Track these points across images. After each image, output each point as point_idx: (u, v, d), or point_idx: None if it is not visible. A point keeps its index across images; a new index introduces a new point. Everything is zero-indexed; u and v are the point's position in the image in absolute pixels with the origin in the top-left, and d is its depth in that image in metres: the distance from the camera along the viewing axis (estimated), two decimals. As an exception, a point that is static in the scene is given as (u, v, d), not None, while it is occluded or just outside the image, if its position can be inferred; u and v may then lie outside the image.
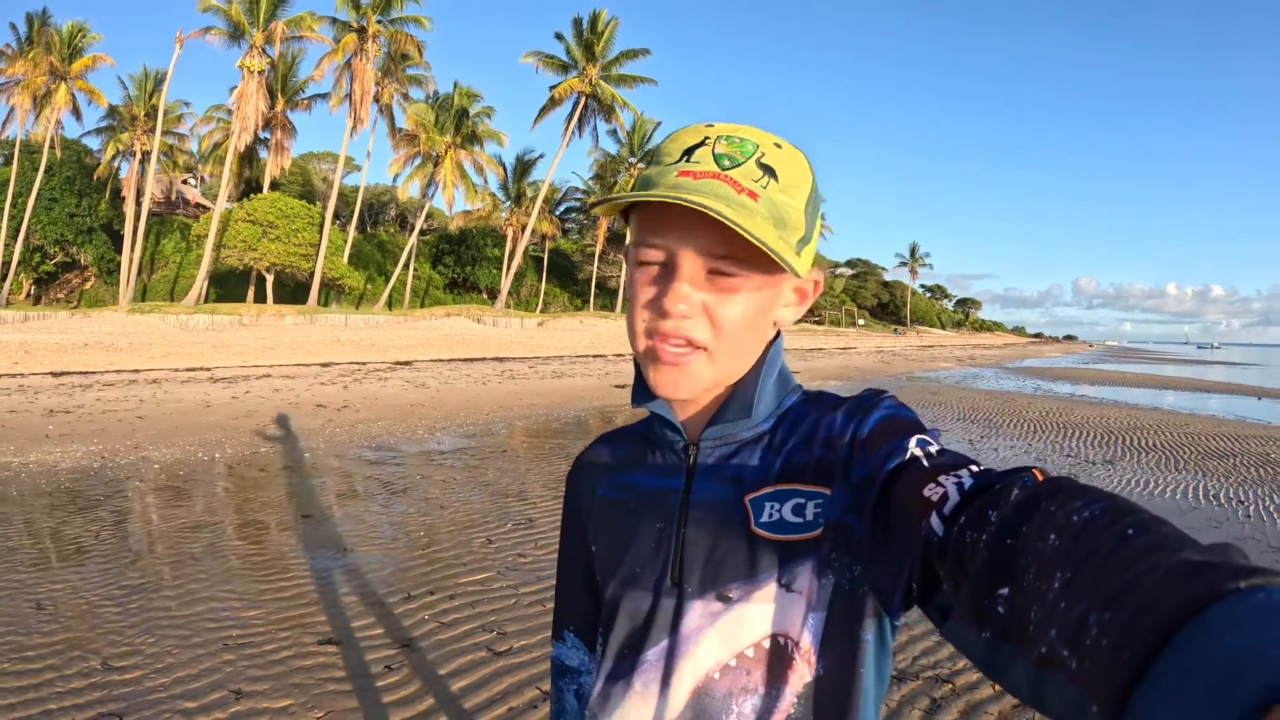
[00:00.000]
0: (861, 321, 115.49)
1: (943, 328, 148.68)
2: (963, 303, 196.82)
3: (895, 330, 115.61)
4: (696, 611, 0.91)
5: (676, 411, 0.99)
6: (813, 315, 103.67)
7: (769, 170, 0.88)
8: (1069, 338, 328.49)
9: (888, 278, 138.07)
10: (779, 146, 0.91)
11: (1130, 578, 0.45)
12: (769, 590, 0.89)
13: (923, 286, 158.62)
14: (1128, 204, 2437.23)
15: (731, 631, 0.90)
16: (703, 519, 0.94)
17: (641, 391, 1.00)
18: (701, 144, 0.89)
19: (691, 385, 0.91)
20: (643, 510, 1.01)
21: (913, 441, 0.83)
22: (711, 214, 0.79)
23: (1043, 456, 12.58)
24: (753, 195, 0.85)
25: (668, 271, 0.89)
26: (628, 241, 0.98)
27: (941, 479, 0.73)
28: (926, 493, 0.72)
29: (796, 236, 0.89)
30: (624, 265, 1.02)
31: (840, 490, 0.88)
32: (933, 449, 0.81)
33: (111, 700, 3.93)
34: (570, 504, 1.16)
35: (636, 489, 1.03)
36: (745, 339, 0.92)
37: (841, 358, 45.31)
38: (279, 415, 13.91)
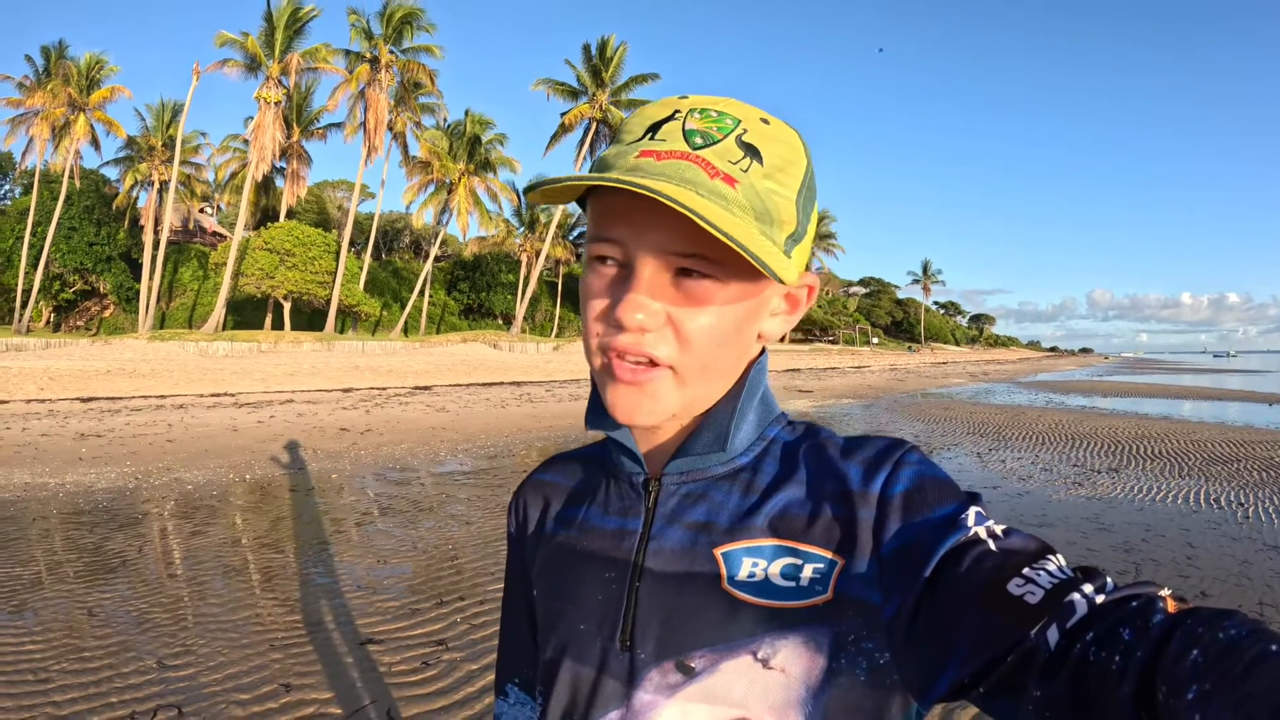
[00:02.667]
0: (876, 340, 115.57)
1: (957, 344, 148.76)
2: (977, 319, 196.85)
3: (909, 348, 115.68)
4: (652, 682, 0.77)
5: (638, 438, 0.86)
6: (827, 335, 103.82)
7: (751, 150, 0.74)
8: (1085, 350, 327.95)
9: (901, 295, 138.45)
10: (766, 122, 0.77)
11: (1257, 686, 0.44)
12: (742, 662, 0.74)
13: (936, 303, 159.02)
14: (1140, 212, 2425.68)
15: (693, 708, 0.75)
16: (662, 570, 0.80)
17: (599, 411, 0.85)
18: (670, 118, 0.76)
19: (654, 409, 0.77)
20: (591, 554, 0.86)
21: (970, 515, 0.70)
22: (668, 203, 0.65)
23: (1050, 467, 12.72)
24: (729, 180, 0.72)
25: (624, 274, 0.75)
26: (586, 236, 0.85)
27: (1028, 573, 0.63)
28: (1015, 590, 0.62)
29: (785, 233, 0.76)
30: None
31: (862, 560, 0.74)
32: (997, 527, 0.69)
33: (170, 694, 4.22)
34: (514, 534, 1.00)
35: (586, 527, 0.89)
36: (720, 357, 0.78)
37: (855, 376, 45.41)
38: (305, 439, 14.23)
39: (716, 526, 0.80)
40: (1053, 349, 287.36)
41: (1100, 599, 0.59)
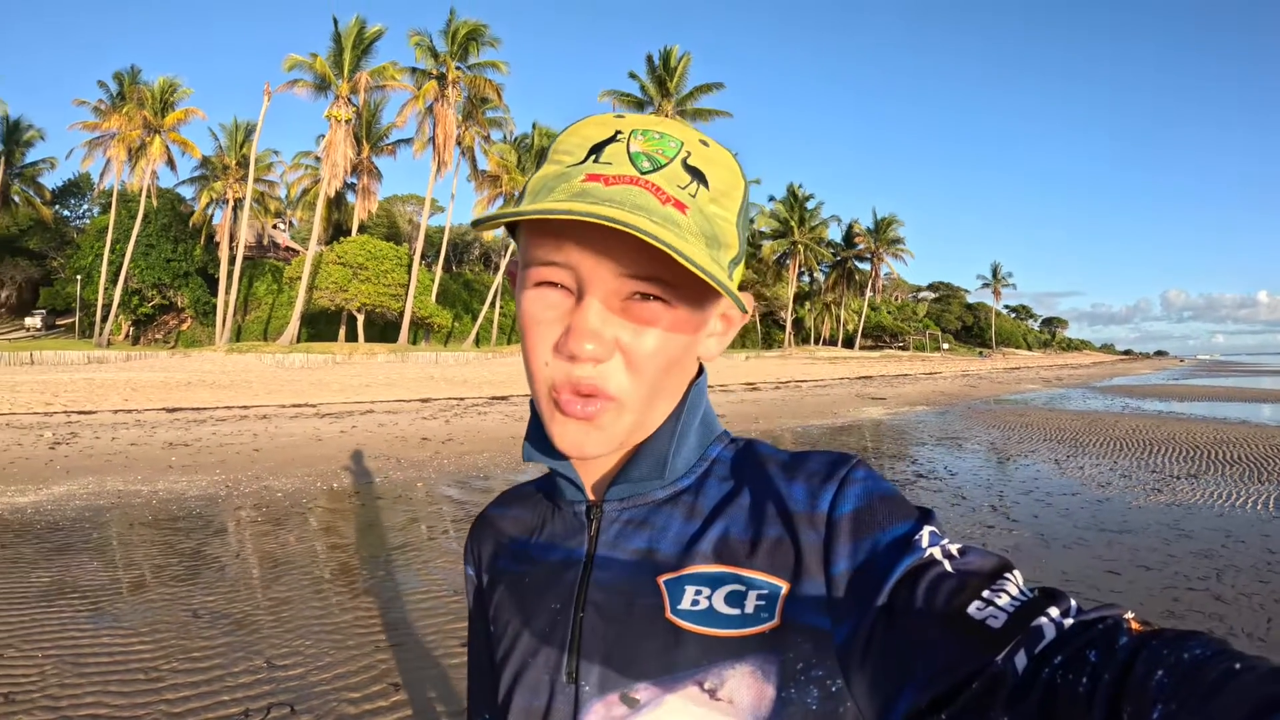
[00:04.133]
0: (946, 345, 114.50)
1: (1029, 348, 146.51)
2: (1048, 322, 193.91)
3: (980, 353, 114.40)
4: (597, 715, 0.75)
5: (579, 465, 0.83)
6: (897, 341, 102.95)
7: (698, 174, 0.74)
8: (1160, 353, 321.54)
9: (971, 299, 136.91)
10: (705, 144, 0.77)
11: (1221, 706, 0.43)
12: (688, 694, 0.72)
13: (1006, 307, 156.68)
14: (1213, 210, 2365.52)
15: None
16: (605, 601, 0.78)
17: (537, 442, 0.84)
18: (612, 139, 0.74)
19: (602, 441, 0.75)
20: (538, 587, 0.85)
21: (924, 535, 0.68)
22: (640, 236, 0.63)
23: (1128, 473, 12.51)
24: (680, 206, 0.71)
25: (573, 299, 0.73)
26: (514, 255, 0.85)
27: (988, 595, 0.61)
28: (977, 614, 0.60)
29: (729, 256, 0.75)
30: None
31: (810, 585, 0.72)
32: (953, 547, 0.67)
33: (281, 692, 4.31)
34: (470, 575, 0.98)
35: (533, 559, 0.87)
36: (667, 381, 0.77)
37: (927, 383, 44.81)
38: (388, 448, 14.40)
39: (659, 553, 0.78)
40: (1127, 352, 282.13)
41: (1068, 622, 0.57)
